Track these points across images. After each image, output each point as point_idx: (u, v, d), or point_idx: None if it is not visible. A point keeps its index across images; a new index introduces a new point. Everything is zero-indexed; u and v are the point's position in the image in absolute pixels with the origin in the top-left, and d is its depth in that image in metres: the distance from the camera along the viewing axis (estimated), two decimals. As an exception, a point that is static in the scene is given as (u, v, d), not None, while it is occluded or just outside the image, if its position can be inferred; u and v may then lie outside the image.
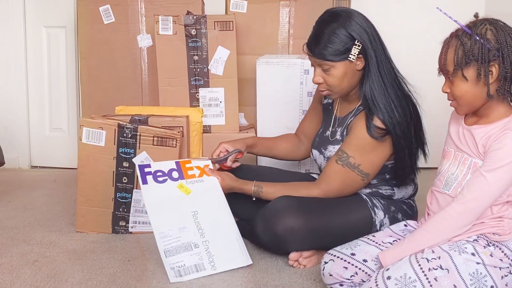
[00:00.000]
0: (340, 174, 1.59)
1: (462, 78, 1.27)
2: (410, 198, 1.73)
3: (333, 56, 1.54)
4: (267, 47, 2.36)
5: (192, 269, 1.55)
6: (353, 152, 1.57)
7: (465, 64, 1.26)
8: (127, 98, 2.36)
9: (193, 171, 1.72)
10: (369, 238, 1.45)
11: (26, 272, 1.60)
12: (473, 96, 1.29)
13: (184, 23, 2.15)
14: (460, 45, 1.27)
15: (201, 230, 1.61)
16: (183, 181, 1.69)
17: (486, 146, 1.29)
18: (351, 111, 1.65)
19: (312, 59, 1.60)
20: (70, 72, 2.76)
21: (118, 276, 1.58)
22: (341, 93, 1.62)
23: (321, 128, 1.78)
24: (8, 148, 2.53)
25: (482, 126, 1.31)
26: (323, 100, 1.81)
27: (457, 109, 1.35)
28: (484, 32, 1.26)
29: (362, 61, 1.56)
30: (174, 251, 1.57)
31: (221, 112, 2.21)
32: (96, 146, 1.85)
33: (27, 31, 2.77)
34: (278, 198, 1.62)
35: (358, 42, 1.54)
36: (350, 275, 1.39)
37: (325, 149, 1.70)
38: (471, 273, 1.26)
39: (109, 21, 2.35)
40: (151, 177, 1.68)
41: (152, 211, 1.62)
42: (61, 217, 2.08)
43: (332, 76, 1.57)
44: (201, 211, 1.64)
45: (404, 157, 1.58)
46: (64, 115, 2.81)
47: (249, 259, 1.61)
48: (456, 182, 1.34)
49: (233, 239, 1.62)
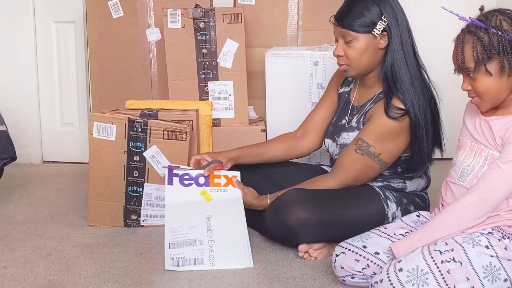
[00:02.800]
0: (359, 163, 1.58)
1: (486, 73, 1.26)
2: (423, 191, 1.72)
3: (357, 26, 1.54)
4: (276, 39, 2.35)
5: (190, 262, 1.56)
6: (374, 141, 1.56)
7: (488, 59, 1.24)
8: (137, 92, 2.36)
9: (220, 179, 1.74)
10: (380, 230, 1.45)
11: (39, 265, 1.62)
12: (497, 89, 1.27)
13: (192, 16, 2.15)
14: (477, 41, 1.25)
15: (210, 231, 1.62)
16: (208, 188, 1.72)
17: (504, 138, 1.27)
18: (370, 99, 1.63)
19: (336, 30, 1.59)
20: (80, 67, 2.78)
21: (130, 269, 1.59)
22: (359, 70, 1.61)
23: (335, 117, 1.76)
24: (19, 143, 2.56)
25: (500, 117, 1.30)
26: (340, 88, 1.78)
27: (480, 106, 1.32)
28: (500, 24, 1.24)
29: (385, 40, 1.56)
30: (179, 244, 1.59)
31: (230, 105, 2.21)
32: (106, 140, 1.86)
33: (36, 27, 2.78)
34: (290, 190, 1.62)
35: (384, 18, 1.54)
36: (361, 267, 1.39)
37: (338, 137, 1.68)
38: (484, 266, 1.25)
39: (118, 15, 2.36)
40: (177, 179, 1.71)
41: (169, 209, 1.66)
42: (73, 211, 2.10)
43: (354, 48, 1.56)
44: (215, 216, 1.66)
45: (421, 143, 1.55)
46: (75, 110, 2.83)
47: (251, 263, 1.57)
48: (472, 173, 1.33)
49: (240, 244, 1.60)
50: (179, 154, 1.87)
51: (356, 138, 1.60)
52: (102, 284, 1.50)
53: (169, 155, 1.87)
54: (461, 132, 1.41)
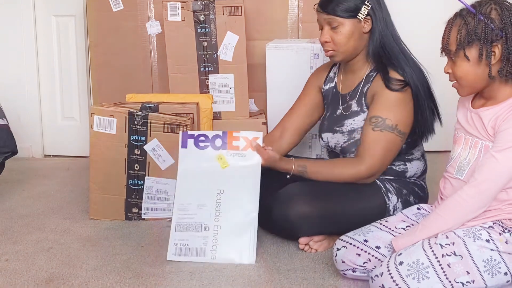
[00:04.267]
0: (381, 141, 1.57)
1: (464, 58, 1.26)
2: (421, 177, 1.73)
3: (343, 12, 1.58)
4: (276, 31, 2.34)
5: (192, 252, 1.56)
6: (387, 114, 1.57)
7: (467, 44, 1.24)
8: (137, 85, 2.36)
9: (238, 142, 1.61)
10: (381, 224, 1.44)
11: (41, 259, 1.63)
12: (474, 76, 1.27)
13: (192, 9, 2.14)
14: (463, 25, 1.25)
15: (218, 212, 1.58)
16: (224, 151, 1.61)
17: (495, 127, 1.27)
18: (360, 81, 1.66)
19: (321, 17, 1.63)
20: (81, 60, 2.77)
21: (131, 262, 1.59)
22: (346, 54, 1.64)
23: (328, 112, 1.76)
24: (21, 137, 2.56)
25: (489, 108, 1.30)
26: (324, 86, 1.79)
27: (459, 90, 1.34)
28: (489, 12, 1.24)
29: (369, 24, 1.61)
30: (185, 227, 1.58)
31: (231, 98, 2.20)
32: (107, 134, 1.86)
33: (36, 21, 2.78)
34: (290, 184, 1.62)
35: (368, 2, 1.59)
36: (363, 261, 1.39)
37: (341, 126, 1.68)
38: (485, 259, 1.25)
39: (117, 8, 2.35)
40: (192, 141, 1.63)
41: (181, 179, 1.61)
42: (75, 204, 2.10)
43: (340, 33, 1.60)
44: (227, 191, 1.59)
45: (424, 112, 1.60)
46: (76, 103, 2.83)
47: (253, 258, 1.55)
48: (468, 166, 1.32)
49: (246, 232, 1.56)
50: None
51: (369, 118, 1.60)
52: (103, 277, 1.51)
53: (170, 148, 1.86)
54: (455, 127, 1.41)
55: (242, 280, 1.47)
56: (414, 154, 1.69)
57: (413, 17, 2.58)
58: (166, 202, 1.91)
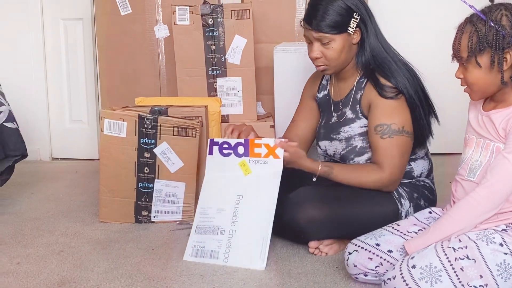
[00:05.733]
0: (394, 146, 1.57)
1: (476, 65, 1.26)
2: (429, 177, 1.73)
3: (333, 29, 1.57)
4: (284, 35, 2.34)
5: (207, 254, 1.59)
6: (389, 119, 1.57)
7: (479, 51, 1.25)
8: (145, 89, 2.37)
9: (260, 149, 1.61)
10: (393, 228, 1.44)
11: (52, 262, 1.63)
12: (486, 83, 1.28)
13: (201, 13, 2.15)
14: (474, 31, 1.25)
15: (235, 217, 1.60)
16: (247, 158, 1.62)
17: (506, 129, 1.28)
18: (352, 88, 1.67)
19: (310, 34, 1.61)
20: (88, 64, 2.78)
21: (143, 265, 1.60)
22: (337, 68, 1.65)
23: (323, 120, 1.76)
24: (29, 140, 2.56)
25: (500, 110, 1.30)
26: (318, 94, 1.80)
27: (471, 95, 1.34)
28: (500, 18, 1.24)
29: (358, 35, 1.61)
30: (204, 230, 1.62)
31: (239, 101, 2.21)
32: (117, 137, 1.87)
33: (44, 25, 2.80)
34: (301, 188, 1.62)
35: (356, 14, 1.59)
36: (375, 265, 1.39)
37: (337, 134, 1.68)
38: (498, 263, 1.24)
39: (126, 12, 2.36)
40: (217, 148, 1.66)
41: (206, 185, 1.66)
42: (84, 207, 2.11)
43: (332, 49, 1.59)
44: (246, 197, 1.61)
45: (420, 120, 1.60)
46: (84, 107, 2.84)
47: (263, 264, 1.54)
48: (480, 168, 1.33)
49: (259, 239, 1.57)
50: (189, 151, 1.88)
51: (373, 128, 1.59)
52: (115, 280, 1.51)
53: (179, 152, 1.87)
54: (466, 130, 1.41)
55: (253, 283, 1.48)
56: (417, 153, 1.69)
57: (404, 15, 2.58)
58: (176, 205, 1.92)
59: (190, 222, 1.84)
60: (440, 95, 1.78)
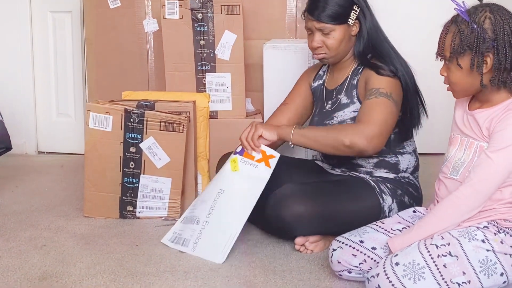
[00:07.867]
0: (377, 105, 1.55)
1: (457, 65, 1.27)
2: (414, 174, 1.74)
3: (334, 19, 1.63)
4: (274, 31, 2.33)
5: (180, 241, 1.64)
6: (379, 84, 1.59)
7: (460, 53, 1.26)
8: (134, 83, 2.34)
9: (256, 152, 1.62)
10: (377, 225, 1.45)
11: (34, 256, 1.61)
12: (466, 83, 1.29)
13: (190, 7, 2.13)
14: (457, 32, 1.26)
15: (212, 209, 1.62)
16: (239, 157, 1.63)
17: (490, 129, 1.29)
18: (347, 77, 1.71)
19: (312, 24, 1.67)
20: (76, 57, 2.75)
21: (126, 261, 1.58)
22: (336, 58, 1.70)
23: (317, 109, 1.80)
24: (15, 133, 2.53)
25: (484, 110, 1.31)
26: (313, 83, 1.83)
27: (453, 94, 1.36)
28: (483, 21, 1.24)
29: (357, 27, 1.67)
30: (187, 220, 1.67)
31: (227, 97, 2.19)
32: (103, 131, 1.85)
33: (32, 17, 2.76)
34: (285, 185, 1.62)
35: (356, 6, 1.65)
36: (358, 262, 1.39)
37: (331, 119, 1.70)
38: (480, 260, 1.25)
39: (115, 5, 2.33)
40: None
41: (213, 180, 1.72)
42: (69, 202, 2.09)
43: (333, 38, 1.65)
44: (227, 193, 1.62)
45: (412, 107, 1.64)
46: (71, 100, 2.81)
47: (223, 258, 1.55)
48: (463, 167, 1.33)
49: (227, 234, 1.58)
50: (176, 146, 1.86)
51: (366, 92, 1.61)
52: (97, 275, 1.49)
53: (166, 147, 1.86)
54: (451, 128, 1.42)
55: (238, 280, 1.47)
56: (406, 148, 1.71)
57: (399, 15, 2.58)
58: (161, 201, 1.90)
59: (175, 219, 1.83)
60: (429, 96, 1.79)
